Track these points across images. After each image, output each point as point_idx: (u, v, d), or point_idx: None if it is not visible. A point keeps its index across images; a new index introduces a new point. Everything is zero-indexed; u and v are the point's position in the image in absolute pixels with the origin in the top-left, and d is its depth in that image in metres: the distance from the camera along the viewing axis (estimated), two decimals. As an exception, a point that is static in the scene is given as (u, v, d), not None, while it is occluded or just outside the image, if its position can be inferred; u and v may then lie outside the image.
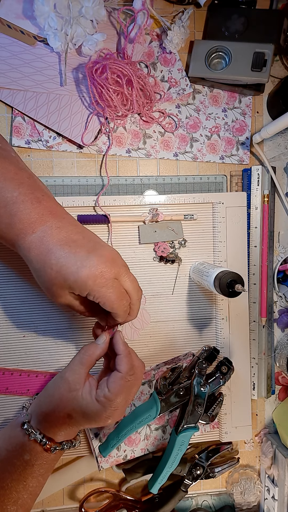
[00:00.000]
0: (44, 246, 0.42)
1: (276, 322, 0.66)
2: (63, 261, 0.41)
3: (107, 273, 0.42)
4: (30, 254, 0.42)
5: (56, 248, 0.42)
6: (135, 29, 0.58)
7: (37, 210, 0.42)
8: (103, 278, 0.42)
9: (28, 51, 0.57)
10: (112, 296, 0.43)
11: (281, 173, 0.65)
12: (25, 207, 0.42)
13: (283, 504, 0.61)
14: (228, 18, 0.60)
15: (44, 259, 0.42)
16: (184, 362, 0.60)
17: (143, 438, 0.58)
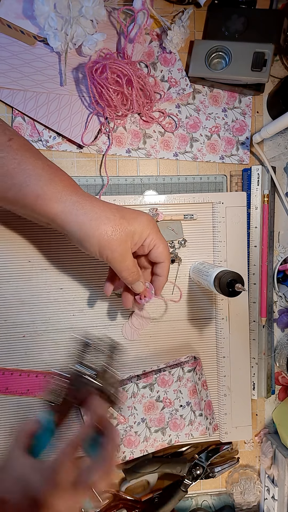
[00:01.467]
0: (95, 199, 0.45)
1: (276, 322, 0.66)
2: (123, 210, 0.46)
3: (156, 223, 0.48)
4: (85, 205, 0.44)
5: (106, 202, 0.46)
6: (135, 29, 0.58)
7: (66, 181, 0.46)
8: (154, 222, 0.48)
9: (28, 51, 0.57)
10: (165, 241, 0.48)
11: (281, 173, 0.65)
12: (55, 174, 0.45)
13: (283, 504, 0.61)
14: (228, 18, 0.60)
15: (104, 206, 0.44)
16: (187, 366, 0.60)
17: (142, 440, 0.58)
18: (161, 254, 0.48)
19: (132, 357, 0.60)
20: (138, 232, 0.46)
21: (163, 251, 0.48)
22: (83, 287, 0.59)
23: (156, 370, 0.60)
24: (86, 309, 0.59)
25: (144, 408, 0.58)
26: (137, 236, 0.46)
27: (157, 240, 0.47)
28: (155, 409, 0.58)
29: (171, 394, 0.59)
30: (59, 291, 0.58)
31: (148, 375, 0.59)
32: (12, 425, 0.58)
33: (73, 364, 0.44)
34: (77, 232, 0.44)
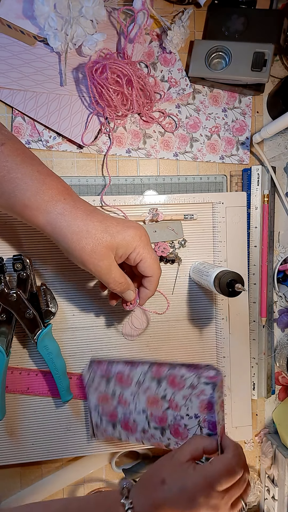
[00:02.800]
0: (82, 209, 0.44)
1: (276, 322, 0.66)
2: (108, 221, 0.44)
3: (147, 234, 0.46)
4: (68, 218, 0.43)
5: (96, 210, 0.45)
6: (135, 29, 0.58)
7: (57, 184, 0.45)
8: (146, 237, 0.46)
9: (28, 51, 0.57)
10: (154, 255, 0.46)
11: (281, 173, 0.65)
12: (43, 182, 0.43)
13: (283, 504, 0.61)
14: (228, 18, 0.60)
15: (87, 219, 0.43)
16: (204, 376, 0.51)
17: (140, 430, 0.55)
18: (148, 268, 0.47)
19: (132, 358, 0.60)
20: (123, 246, 0.44)
21: (151, 265, 0.47)
22: (83, 287, 0.59)
23: (170, 366, 0.54)
24: (86, 309, 0.59)
25: (147, 400, 0.54)
26: (121, 250, 0.45)
27: (144, 254, 0.46)
28: (158, 406, 0.55)
29: (180, 398, 0.53)
30: (59, 291, 0.58)
31: (160, 368, 0.54)
32: (34, 425, 0.58)
33: None
34: (62, 244, 0.44)
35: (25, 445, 0.58)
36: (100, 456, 0.62)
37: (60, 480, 0.61)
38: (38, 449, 0.58)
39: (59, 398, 0.56)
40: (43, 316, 0.55)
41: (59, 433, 0.59)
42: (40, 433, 0.58)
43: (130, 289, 0.49)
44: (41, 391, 0.58)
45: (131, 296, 0.50)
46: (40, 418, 0.58)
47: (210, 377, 0.51)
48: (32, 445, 0.58)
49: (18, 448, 0.58)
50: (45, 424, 0.58)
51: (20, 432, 0.58)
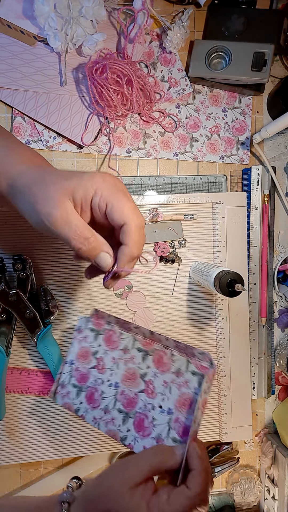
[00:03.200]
0: (45, 168, 0.39)
1: (276, 322, 0.66)
2: (69, 171, 0.39)
3: (116, 178, 0.38)
4: (27, 175, 0.38)
5: (51, 168, 0.40)
6: (135, 29, 0.58)
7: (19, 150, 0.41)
8: (114, 181, 0.37)
9: (28, 51, 0.57)
10: (126, 199, 0.37)
11: (281, 173, 0.65)
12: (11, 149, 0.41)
13: (283, 504, 0.61)
14: (228, 18, 0.60)
15: (42, 172, 0.38)
16: (194, 364, 0.45)
17: (103, 407, 0.48)
18: (117, 214, 0.37)
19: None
20: (80, 189, 0.36)
21: (120, 209, 0.37)
22: (83, 286, 0.59)
23: (165, 341, 0.47)
24: (86, 309, 0.59)
25: (125, 373, 0.48)
26: (78, 194, 0.36)
27: (111, 198, 0.36)
28: (133, 385, 0.47)
29: (159, 383, 0.46)
30: (59, 291, 0.58)
31: (152, 340, 0.48)
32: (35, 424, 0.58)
33: None
34: (18, 205, 0.38)
35: (25, 445, 0.58)
36: (100, 456, 0.62)
37: (60, 480, 0.61)
38: (38, 449, 0.58)
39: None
40: (43, 316, 0.55)
41: (59, 433, 0.59)
42: (40, 433, 0.58)
43: (103, 250, 0.38)
44: (41, 391, 0.58)
45: (106, 259, 0.38)
46: (40, 418, 0.58)
47: (200, 367, 0.44)
48: (32, 445, 0.58)
49: (18, 448, 0.58)
50: (45, 424, 0.58)
51: (20, 432, 0.58)
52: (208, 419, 0.62)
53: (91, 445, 0.59)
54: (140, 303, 0.60)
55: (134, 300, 0.60)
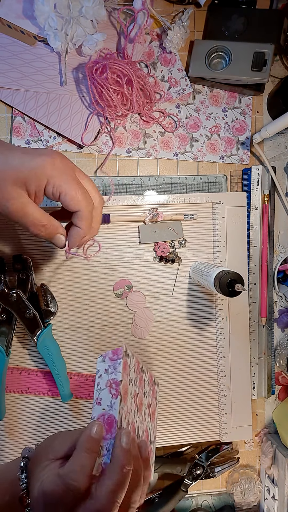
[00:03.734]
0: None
1: (276, 322, 0.66)
2: (12, 151, 0.37)
3: (65, 160, 0.37)
4: None
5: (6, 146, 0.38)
6: (135, 29, 0.58)
7: None
8: (64, 164, 0.37)
9: (28, 51, 0.57)
10: (77, 185, 0.38)
11: (281, 173, 0.65)
12: None
13: (283, 504, 0.61)
14: (228, 18, 0.60)
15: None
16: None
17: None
18: (71, 202, 0.38)
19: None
20: (32, 179, 0.36)
21: (74, 197, 0.38)
22: (83, 286, 0.59)
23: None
24: (86, 309, 0.59)
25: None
26: (32, 184, 0.36)
27: (63, 186, 0.37)
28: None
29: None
30: (59, 291, 0.58)
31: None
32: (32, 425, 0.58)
33: None
34: None
35: (25, 445, 0.58)
36: (100, 456, 0.62)
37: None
38: (38, 449, 0.58)
39: (59, 398, 0.56)
40: (43, 316, 0.55)
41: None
42: (40, 433, 0.58)
43: (59, 232, 0.41)
44: (41, 391, 0.58)
45: (61, 241, 0.42)
46: (40, 418, 0.58)
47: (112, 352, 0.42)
48: (32, 445, 0.58)
49: (18, 448, 0.58)
50: (45, 424, 0.58)
51: (20, 432, 0.58)
52: (208, 419, 0.62)
53: (91, 445, 0.59)
54: (140, 303, 0.60)
55: (134, 300, 0.60)
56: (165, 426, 0.61)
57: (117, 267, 0.59)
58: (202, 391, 0.62)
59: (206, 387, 0.62)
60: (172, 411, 0.61)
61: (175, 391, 0.61)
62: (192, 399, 0.62)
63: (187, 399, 0.62)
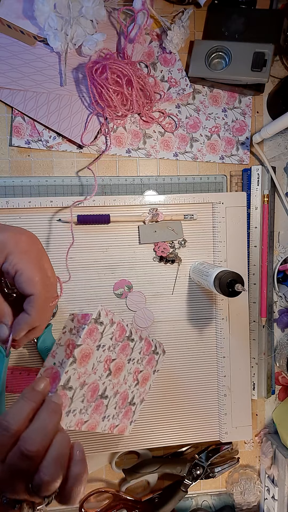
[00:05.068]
0: None
1: (276, 322, 0.66)
2: None
3: (32, 243, 0.36)
4: None
5: None
6: (135, 29, 0.58)
7: None
8: (27, 243, 0.36)
9: (28, 51, 0.57)
10: (34, 267, 0.35)
11: (281, 173, 0.65)
12: None
13: (283, 504, 0.61)
14: (228, 18, 0.60)
15: None
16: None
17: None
18: (25, 284, 0.35)
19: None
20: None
21: (29, 279, 0.35)
22: (83, 286, 0.59)
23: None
24: (86, 310, 0.59)
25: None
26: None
27: (20, 265, 0.35)
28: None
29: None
30: (59, 291, 0.58)
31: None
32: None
33: None
34: None
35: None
36: (100, 456, 0.62)
37: (60, 480, 0.61)
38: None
39: (59, 398, 0.56)
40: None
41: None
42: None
43: (3, 322, 0.38)
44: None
45: (2, 332, 0.38)
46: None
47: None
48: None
49: (18, 448, 0.58)
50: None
51: (20, 432, 0.58)
52: (208, 419, 0.62)
53: (91, 445, 0.59)
54: (140, 303, 0.60)
55: (134, 300, 0.60)
56: (165, 426, 0.61)
57: (117, 267, 0.59)
58: (202, 391, 0.62)
59: (206, 387, 0.62)
60: (172, 411, 0.61)
61: (175, 391, 0.61)
62: (192, 399, 0.62)
63: (187, 399, 0.62)
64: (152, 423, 0.61)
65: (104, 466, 0.63)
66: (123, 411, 0.51)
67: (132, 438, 0.60)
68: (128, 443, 0.60)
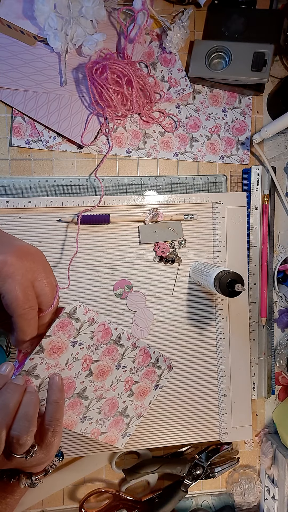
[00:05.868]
0: None
1: (276, 322, 0.66)
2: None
3: (18, 265, 0.36)
4: None
5: None
6: (135, 29, 0.58)
7: None
8: (12, 267, 0.35)
9: (28, 51, 0.57)
10: (18, 292, 0.35)
11: (281, 173, 0.65)
12: None
13: (283, 504, 0.61)
14: (228, 18, 0.60)
15: None
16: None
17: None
18: (7, 305, 0.36)
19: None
20: None
21: (11, 301, 0.35)
22: (83, 286, 0.59)
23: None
24: (86, 309, 0.59)
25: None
26: None
27: (5, 287, 0.35)
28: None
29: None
30: (59, 291, 0.58)
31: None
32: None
33: None
34: None
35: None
36: (100, 456, 0.62)
37: (60, 480, 0.61)
38: (38, 449, 0.58)
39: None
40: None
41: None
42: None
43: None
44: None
45: (5, 368, 0.39)
46: (40, 418, 0.58)
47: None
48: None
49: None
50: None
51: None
52: (208, 419, 0.62)
53: (91, 445, 0.59)
54: (140, 303, 0.60)
55: (134, 300, 0.60)
56: (165, 426, 0.61)
57: (117, 267, 0.59)
58: (202, 391, 0.62)
59: (206, 387, 0.62)
60: (172, 411, 0.61)
61: (175, 391, 0.61)
62: (192, 399, 0.62)
63: (187, 399, 0.62)
64: (152, 423, 0.61)
65: (104, 466, 0.63)
66: (111, 419, 0.51)
67: (132, 438, 0.60)
68: (128, 443, 0.60)
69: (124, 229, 0.59)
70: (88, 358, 0.47)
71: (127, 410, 0.52)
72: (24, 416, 0.36)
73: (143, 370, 0.53)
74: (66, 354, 0.44)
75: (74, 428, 0.48)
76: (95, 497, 0.62)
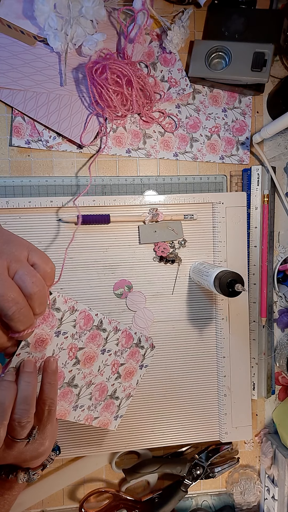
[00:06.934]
0: None
1: (276, 322, 0.66)
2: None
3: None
4: None
5: None
6: (135, 29, 0.58)
7: None
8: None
9: (28, 51, 0.57)
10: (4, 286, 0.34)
11: (281, 173, 0.65)
12: None
13: (283, 504, 0.61)
14: (228, 18, 0.60)
15: None
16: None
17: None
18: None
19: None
20: None
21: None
22: (83, 286, 0.59)
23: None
24: (86, 309, 0.59)
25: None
26: None
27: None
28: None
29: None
30: (59, 291, 0.58)
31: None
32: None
33: None
34: None
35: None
36: (100, 456, 0.62)
37: (60, 480, 0.61)
38: (38, 449, 0.58)
39: (59, 398, 0.56)
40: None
41: (58, 433, 0.58)
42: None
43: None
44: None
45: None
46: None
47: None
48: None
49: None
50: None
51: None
52: (208, 419, 0.62)
53: (91, 445, 0.59)
54: (140, 303, 0.60)
55: (134, 300, 0.60)
56: (165, 426, 0.61)
57: (117, 267, 0.59)
58: (202, 391, 0.62)
59: (206, 387, 0.62)
60: (172, 411, 0.61)
61: (175, 391, 0.61)
62: (192, 399, 0.62)
63: (187, 399, 0.62)
64: (152, 423, 0.61)
65: (104, 466, 0.63)
66: (102, 403, 0.52)
67: (132, 438, 0.60)
68: (128, 443, 0.60)
69: (124, 229, 0.59)
70: (74, 347, 0.47)
71: (116, 392, 0.53)
72: (23, 400, 0.37)
73: (127, 351, 0.53)
74: (52, 345, 0.44)
75: (68, 417, 0.48)
76: (95, 497, 0.62)
